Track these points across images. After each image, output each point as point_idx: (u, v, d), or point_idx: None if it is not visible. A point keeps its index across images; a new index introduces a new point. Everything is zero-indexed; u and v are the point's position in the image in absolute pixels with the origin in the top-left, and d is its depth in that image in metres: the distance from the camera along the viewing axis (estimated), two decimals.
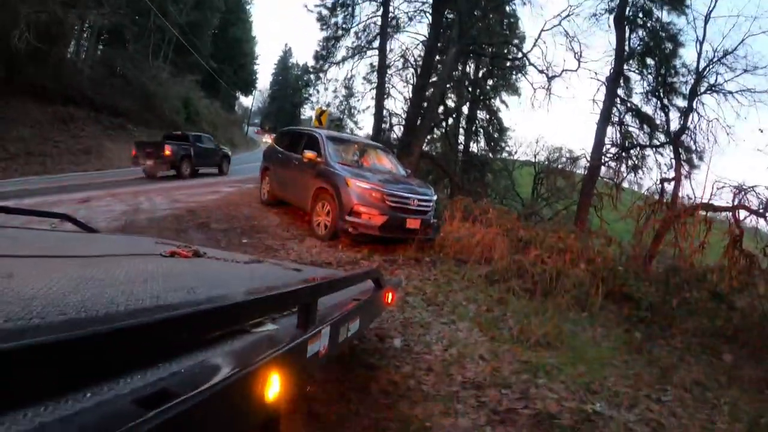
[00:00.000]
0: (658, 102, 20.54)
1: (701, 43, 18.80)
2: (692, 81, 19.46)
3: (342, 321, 2.26)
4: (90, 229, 4.78)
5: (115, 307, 1.60)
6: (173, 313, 1.19)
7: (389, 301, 3.54)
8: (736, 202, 10.38)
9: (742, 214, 10.43)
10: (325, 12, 23.78)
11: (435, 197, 9.73)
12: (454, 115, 26.31)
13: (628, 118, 21.40)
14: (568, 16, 20.15)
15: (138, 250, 3.49)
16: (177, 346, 1.33)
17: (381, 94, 22.83)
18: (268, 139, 37.37)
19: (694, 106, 19.33)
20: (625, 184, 20.47)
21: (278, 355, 1.49)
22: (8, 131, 21.21)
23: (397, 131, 24.44)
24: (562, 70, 20.77)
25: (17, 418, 0.84)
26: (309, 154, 9.78)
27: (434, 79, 22.21)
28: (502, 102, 28.35)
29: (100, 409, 0.98)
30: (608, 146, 20.86)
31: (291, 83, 76.54)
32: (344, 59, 24.23)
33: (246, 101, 78.21)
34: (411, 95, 23.73)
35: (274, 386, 1.41)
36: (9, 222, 4.59)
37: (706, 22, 18.56)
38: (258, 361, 1.38)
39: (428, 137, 23.19)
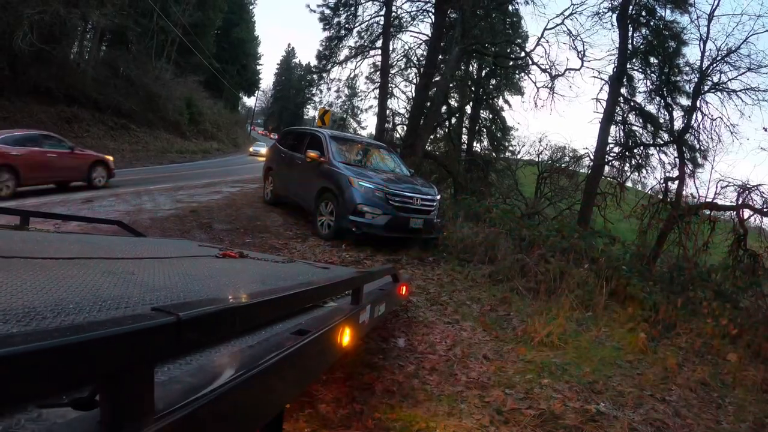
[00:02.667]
0: (662, 101, 20.45)
1: (705, 42, 18.72)
2: (696, 80, 19.37)
3: (376, 302, 3.11)
4: (139, 234, 5.28)
5: (235, 290, 2.47)
6: (289, 292, 1.72)
7: (403, 292, 4.47)
8: (740, 201, 10.38)
9: (747, 213, 10.43)
10: (327, 12, 23.76)
11: (438, 197, 9.71)
12: (457, 115, 26.25)
13: (631, 117, 21.33)
14: (572, 14, 20.07)
15: (194, 252, 4.09)
16: (294, 312, 2.16)
17: (384, 93, 22.81)
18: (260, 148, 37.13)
19: (698, 105, 19.25)
20: (629, 184, 20.43)
21: (345, 319, 2.35)
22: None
23: (400, 131, 24.41)
24: (566, 69, 20.69)
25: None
26: (312, 153, 9.77)
27: (437, 78, 22.14)
28: (505, 101, 28.36)
29: (275, 338, 1.76)
30: (612, 145, 20.80)
31: (294, 83, 76.87)
32: (347, 59, 24.22)
33: (249, 101, 78.55)
34: (414, 95, 23.70)
35: (345, 336, 2.31)
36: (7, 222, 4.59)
37: (709, 20, 18.48)
38: (336, 321, 2.21)
39: (431, 137, 23.15)
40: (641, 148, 21.03)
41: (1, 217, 4.75)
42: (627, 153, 21.00)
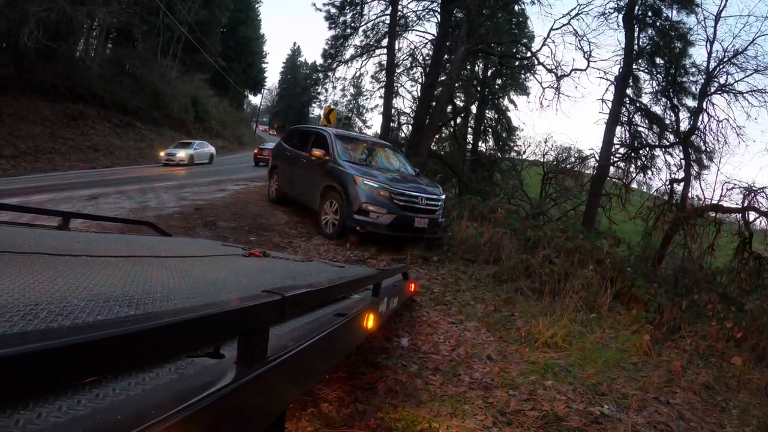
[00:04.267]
0: (668, 102, 20.40)
1: (711, 43, 18.66)
2: (702, 81, 19.32)
3: (391, 295, 3.65)
4: (166, 233, 5.50)
5: (279, 283, 2.81)
6: (336, 283, 2.36)
7: (412, 289, 5.32)
8: (745, 204, 10.33)
9: (752, 215, 10.38)
10: (333, 11, 23.74)
11: (443, 196, 9.71)
12: (462, 115, 26.21)
13: (637, 118, 21.27)
14: (578, 15, 20.05)
15: (223, 251, 4.38)
16: (334, 299, 2.51)
17: (389, 92, 22.80)
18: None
19: (704, 107, 19.19)
20: (634, 185, 20.41)
21: (369, 307, 2.78)
22: (18, 128, 21.38)
23: (406, 130, 24.47)
24: (572, 70, 20.67)
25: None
26: (317, 152, 9.78)
27: (443, 78, 22.12)
28: (511, 101, 28.33)
29: (324, 317, 2.17)
30: (617, 146, 20.76)
31: (299, 82, 76.90)
32: (353, 58, 24.21)
33: (255, 100, 78.62)
34: (419, 94, 23.72)
35: (369, 321, 2.75)
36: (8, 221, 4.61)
37: (716, 21, 18.42)
38: (362, 309, 2.63)
39: (437, 136, 23.13)
40: (647, 149, 20.99)
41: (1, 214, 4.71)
42: (632, 154, 20.95)
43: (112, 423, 0.82)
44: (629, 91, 20.83)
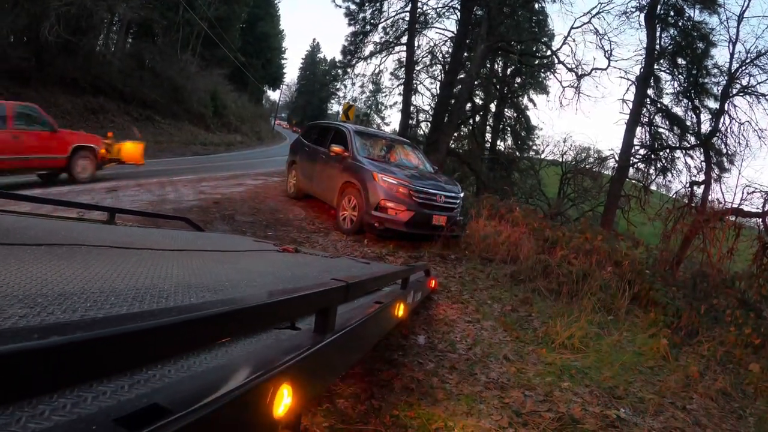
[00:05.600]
0: (689, 103, 20.20)
1: (734, 44, 18.46)
2: (724, 82, 19.11)
3: (416, 289, 4.06)
4: (200, 229, 5.84)
5: (321, 277, 3.05)
6: (380, 274, 2.93)
7: (432, 285, 5.82)
8: (766, 208, 10.19)
9: None
10: (353, 7, 23.77)
11: (462, 194, 9.70)
12: (481, 113, 26.15)
13: (658, 119, 21.09)
14: (599, 13, 19.90)
15: (257, 246, 4.73)
16: (373, 289, 2.89)
17: (408, 90, 22.77)
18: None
19: (726, 108, 18.99)
20: (653, 187, 20.25)
21: (399, 297, 3.13)
22: None
23: (424, 128, 24.45)
24: (592, 69, 20.53)
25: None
26: (336, 148, 9.80)
27: (462, 75, 22.08)
28: (530, 100, 28.22)
29: (366, 304, 2.54)
30: (637, 147, 20.59)
31: (318, 78, 76.97)
32: (372, 54, 24.20)
33: (273, 95, 78.88)
34: (438, 92, 23.70)
35: (400, 310, 3.11)
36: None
37: (739, 22, 18.21)
38: (393, 299, 2.93)
39: (455, 134, 23.08)
40: (667, 150, 20.79)
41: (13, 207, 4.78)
42: (652, 155, 20.77)
43: (235, 372, 1.15)
44: (650, 92, 20.67)
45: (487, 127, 27.43)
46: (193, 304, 1.14)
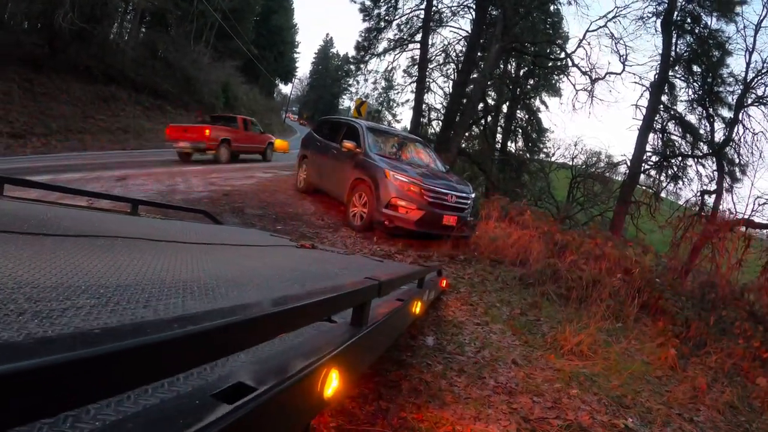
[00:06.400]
0: (703, 111, 20.12)
1: (750, 53, 18.40)
2: (739, 91, 19.02)
3: (431, 288, 4.31)
4: (219, 222, 6.07)
5: (346, 274, 3.41)
6: (403, 274, 3.06)
7: (444, 285, 5.98)
8: None
9: None
10: (368, 3, 23.81)
11: (473, 195, 9.66)
12: (493, 113, 26.10)
13: (670, 126, 21.03)
14: (615, 17, 19.90)
15: (276, 242, 4.88)
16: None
17: (421, 88, 22.79)
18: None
19: (740, 118, 18.92)
20: (663, 194, 20.18)
21: (416, 295, 3.27)
22: (50, 107, 21.61)
23: (436, 126, 24.42)
24: (606, 73, 20.54)
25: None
26: (348, 144, 9.79)
27: (475, 75, 22.05)
28: (543, 102, 28.12)
29: (390, 301, 2.67)
30: (649, 153, 20.52)
31: (331, 73, 77.19)
32: (385, 51, 24.27)
33: (285, 89, 78.90)
34: (451, 90, 23.65)
35: (417, 308, 3.30)
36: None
37: (756, 31, 18.14)
38: (411, 297, 3.08)
39: (466, 134, 23.06)
40: (679, 158, 20.70)
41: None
42: (664, 162, 20.67)
43: (294, 358, 1.31)
44: (664, 98, 20.62)
45: (499, 128, 27.38)
46: (258, 301, 1.17)
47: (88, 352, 0.60)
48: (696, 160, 20.25)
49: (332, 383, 1.40)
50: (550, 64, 24.18)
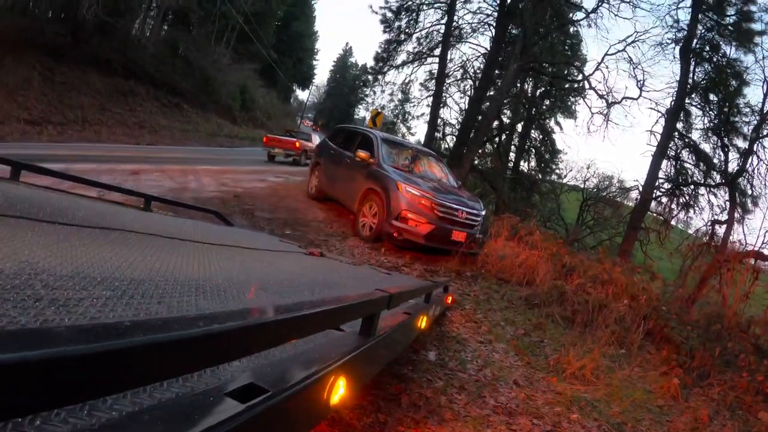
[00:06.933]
0: (718, 140, 20.03)
1: (767, 84, 18.31)
2: (755, 122, 18.96)
3: (437, 304, 4.32)
4: (230, 223, 6.06)
5: (353, 284, 3.47)
6: (411, 289, 3.04)
7: (449, 301, 5.87)
8: None
9: None
10: (389, 15, 23.80)
11: (484, 212, 9.61)
12: (507, 132, 26.11)
13: (684, 154, 20.93)
14: (634, 42, 19.87)
15: (285, 248, 4.92)
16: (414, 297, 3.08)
17: (437, 102, 22.85)
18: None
19: (755, 149, 18.84)
20: (673, 222, 20.10)
21: (422, 310, 3.27)
22: (68, 97, 21.85)
23: (449, 141, 24.41)
24: (623, 98, 20.49)
25: None
26: (362, 153, 9.76)
27: (492, 92, 22.08)
28: (557, 123, 27.99)
29: (398, 314, 2.66)
30: (662, 180, 20.45)
31: (348, 82, 77.42)
32: (404, 63, 24.29)
33: (302, 95, 79.25)
34: (467, 106, 23.66)
35: (423, 323, 3.27)
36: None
37: None
38: (418, 312, 3.07)
39: (479, 151, 23.07)
40: (691, 186, 20.60)
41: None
42: (677, 190, 20.59)
43: (303, 364, 1.35)
44: (679, 125, 20.54)
45: (512, 147, 27.36)
46: (272, 306, 1.27)
47: (120, 343, 0.62)
48: (708, 189, 20.15)
49: (339, 391, 1.41)
50: (567, 85, 24.15)
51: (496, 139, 24.77)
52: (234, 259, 2.99)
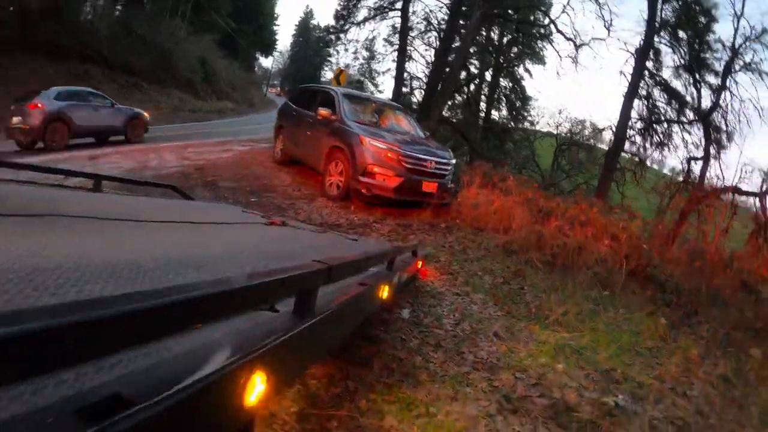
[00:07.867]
0: (690, 78, 19.94)
1: (738, 19, 18.21)
2: (727, 58, 18.86)
3: (402, 270, 3.81)
4: (189, 197, 5.55)
5: (305, 255, 2.76)
6: (364, 257, 2.57)
7: (419, 266, 5.21)
8: (764, 188, 9.93)
9: None
10: None
11: (453, 161, 9.46)
12: (476, 82, 25.89)
13: (656, 93, 20.88)
14: None
15: (246, 218, 4.54)
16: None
17: (402, 57, 22.61)
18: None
19: (728, 84, 18.76)
20: (648, 162, 20.12)
21: (383, 279, 2.93)
22: (16, 87, 21.13)
23: (418, 95, 24.26)
24: (591, 39, 20.31)
25: None
26: (324, 111, 9.47)
27: (457, 43, 21.72)
28: (526, 70, 27.86)
29: (350, 286, 2.35)
30: (634, 120, 20.37)
31: (311, 45, 76.22)
32: (365, 20, 23.93)
33: (266, 62, 78.06)
34: (433, 59, 23.35)
35: (385, 292, 2.88)
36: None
37: None
38: (378, 281, 2.74)
39: (449, 103, 22.93)
40: (665, 124, 20.56)
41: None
42: (650, 129, 20.54)
43: (206, 359, 1.04)
44: (649, 64, 20.43)
45: (482, 97, 27.11)
46: (166, 287, 0.92)
47: None
48: (682, 126, 20.17)
49: (256, 388, 1.14)
50: (533, 30, 23.89)
51: (465, 89, 24.57)
52: (175, 236, 2.65)
